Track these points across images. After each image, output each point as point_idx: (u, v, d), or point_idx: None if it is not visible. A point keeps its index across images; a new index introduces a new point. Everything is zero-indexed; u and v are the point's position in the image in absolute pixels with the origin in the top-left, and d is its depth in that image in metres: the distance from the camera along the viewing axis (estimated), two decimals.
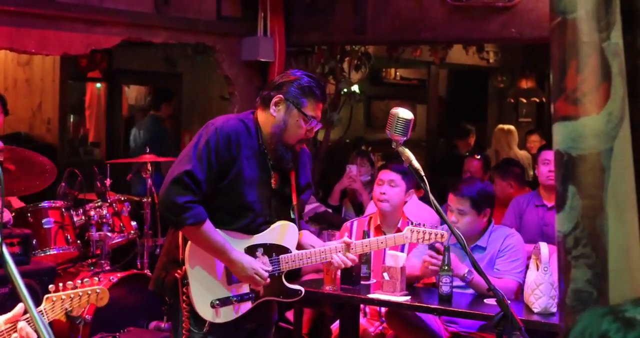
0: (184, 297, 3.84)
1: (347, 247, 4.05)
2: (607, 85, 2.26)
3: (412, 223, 4.41)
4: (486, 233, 5.09)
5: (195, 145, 3.77)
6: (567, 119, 2.29)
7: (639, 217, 2.28)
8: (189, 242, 3.83)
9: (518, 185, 6.91)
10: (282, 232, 3.98)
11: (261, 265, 3.89)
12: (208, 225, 3.76)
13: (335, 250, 4.05)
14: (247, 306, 3.94)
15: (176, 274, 3.85)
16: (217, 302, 3.85)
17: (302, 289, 4.07)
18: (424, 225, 4.37)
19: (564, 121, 2.30)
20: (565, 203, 2.30)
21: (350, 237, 5.44)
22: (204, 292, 3.85)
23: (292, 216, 4.01)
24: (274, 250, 3.96)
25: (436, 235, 4.34)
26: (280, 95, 3.85)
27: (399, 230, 5.36)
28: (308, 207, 6.93)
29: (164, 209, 3.79)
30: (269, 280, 3.90)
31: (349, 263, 4.07)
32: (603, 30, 2.26)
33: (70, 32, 5.99)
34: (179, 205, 3.70)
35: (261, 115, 3.90)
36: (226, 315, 3.89)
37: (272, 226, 3.96)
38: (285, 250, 3.98)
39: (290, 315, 6.01)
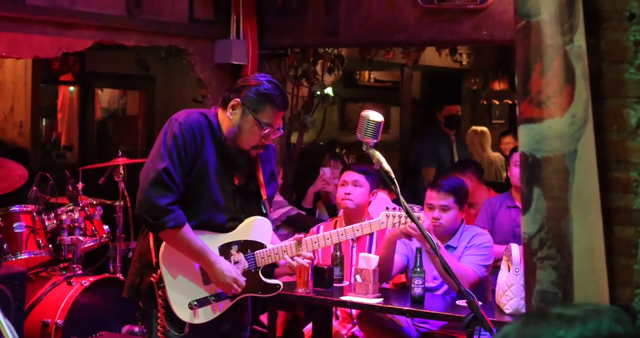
0: (160, 300, 3.82)
1: (299, 243, 4.02)
2: (571, 88, 2.28)
3: (387, 208, 4.39)
4: (457, 233, 5.11)
5: (164, 143, 3.75)
6: (532, 122, 2.31)
7: (603, 218, 2.30)
8: (163, 245, 3.81)
9: (477, 179, 6.95)
10: (254, 227, 3.96)
11: (238, 272, 3.88)
12: (187, 228, 3.75)
13: (311, 242, 4.04)
14: (226, 304, 3.92)
15: (151, 278, 3.83)
16: (195, 303, 3.83)
17: (280, 283, 4.05)
18: (399, 209, 4.35)
19: (528, 123, 2.32)
20: (530, 205, 2.32)
21: None
22: (181, 294, 3.84)
23: (264, 211, 3.99)
24: (248, 247, 3.94)
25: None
26: (238, 99, 3.84)
27: None
28: (280, 211, 6.92)
29: (143, 212, 3.72)
30: (240, 290, 3.89)
31: (305, 264, 4.05)
32: (566, 33, 2.28)
33: (41, 35, 5.95)
34: (161, 208, 3.67)
35: (221, 115, 3.90)
36: (205, 315, 3.87)
37: (245, 222, 3.95)
38: (260, 245, 3.96)
39: (264, 318, 6.01)
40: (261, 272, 3.99)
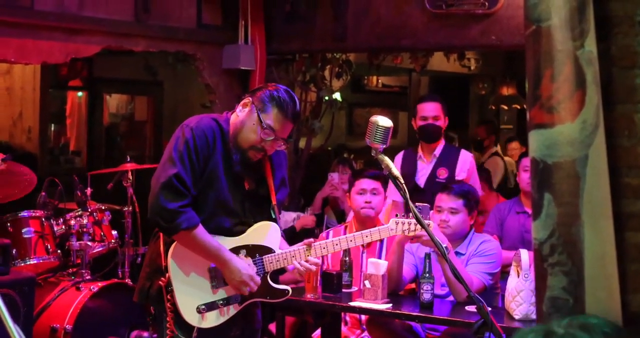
0: (168, 304, 3.82)
1: (308, 248, 4.01)
2: (582, 93, 2.27)
3: (397, 215, 4.38)
4: (466, 239, 5.11)
5: (175, 148, 3.75)
6: (543, 127, 2.30)
7: (614, 224, 2.29)
8: (171, 249, 3.81)
9: (488, 187, 6.93)
10: (264, 232, 3.96)
11: (254, 270, 3.88)
12: (201, 228, 3.75)
13: (320, 247, 4.02)
14: (234, 309, 3.92)
15: (160, 282, 3.83)
16: (203, 307, 3.83)
17: (289, 288, 4.04)
18: (408, 216, 4.34)
19: (539, 129, 2.31)
20: (541, 211, 2.31)
21: None
22: (189, 298, 3.83)
23: (273, 216, 3.99)
24: (257, 251, 3.94)
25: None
26: (249, 98, 3.86)
27: None
28: None
29: (155, 216, 3.73)
30: (256, 288, 3.90)
31: (312, 268, 4.05)
32: (577, 39, 2.27)
33: (49, 40, 5.97)
34: (171, 211, 3.68)
35: (232, 117, 3.92)
36: (213, 319, 3.86)
37: (254, 227, 3.94)
38: (269, 250, 3.96)
39: (273, 327, 6.00)
40: (269, 278, 3.99)
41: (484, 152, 10.53)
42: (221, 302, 3.88)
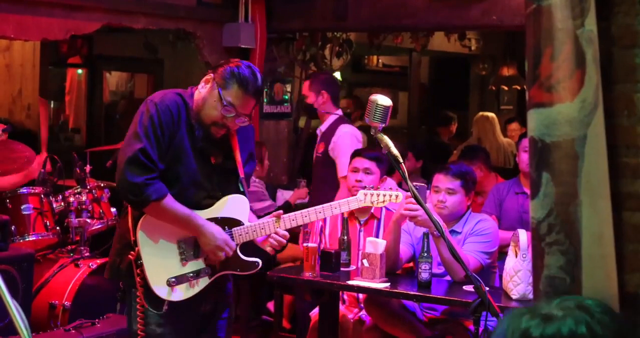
0: (139, 279, 3.80)
1: (277, 220, 4.00)
2: (581, 73, 2.26)
3: (365, 187, 4.39)
4: (463, 219, 5.11)
5: (140, 123, 3.74)
6: (542, 106, 2.30)
7: (612, 203, 2.29)
8: (140, 223, 3.79)
9: (486, 168, 6.92)
10: (232, 204, 3.94)
11: (227, 235, 3.87)
12: (170, 198, 3.74)
13: (289, 219, 4.02)
14: (204, 282, 3.90)
15: (130, 256, 3.82)
16: (173, 280, 3.81)
17: (259, 261, 4.01)
18: (377, 188, 4.36)
19: (538, 108, 2.31)
20: (539, 190, 2.31)
21: (324, 224, 5.48)
22: (159, 271, 3.81)
23: (241, 189, 3.98)
24: (226, 223, 3.92)
25: (391, 196, 4.29)
26: (212, 74, 3.85)
27: (373, 216, 5.39)
28: (260, 205, 6.93)
29: (124, 191, 3.73)
30: (231, 253, 3.89)
31: (282, 241, 4.03)
32: (577, 17, 2.27)
33: (49, 17, 5.95)
34: (138, 184, 3.66)
35: (196, 93, 3.90)
36: (183, 292, 3.84)
37: (222, 199, 3.93)
38: (237, 222, 3.94)
39: (271, 305, 6.02)
40: (240, 250, 3.97)
41: None
42: (191, 274, 3.87)
